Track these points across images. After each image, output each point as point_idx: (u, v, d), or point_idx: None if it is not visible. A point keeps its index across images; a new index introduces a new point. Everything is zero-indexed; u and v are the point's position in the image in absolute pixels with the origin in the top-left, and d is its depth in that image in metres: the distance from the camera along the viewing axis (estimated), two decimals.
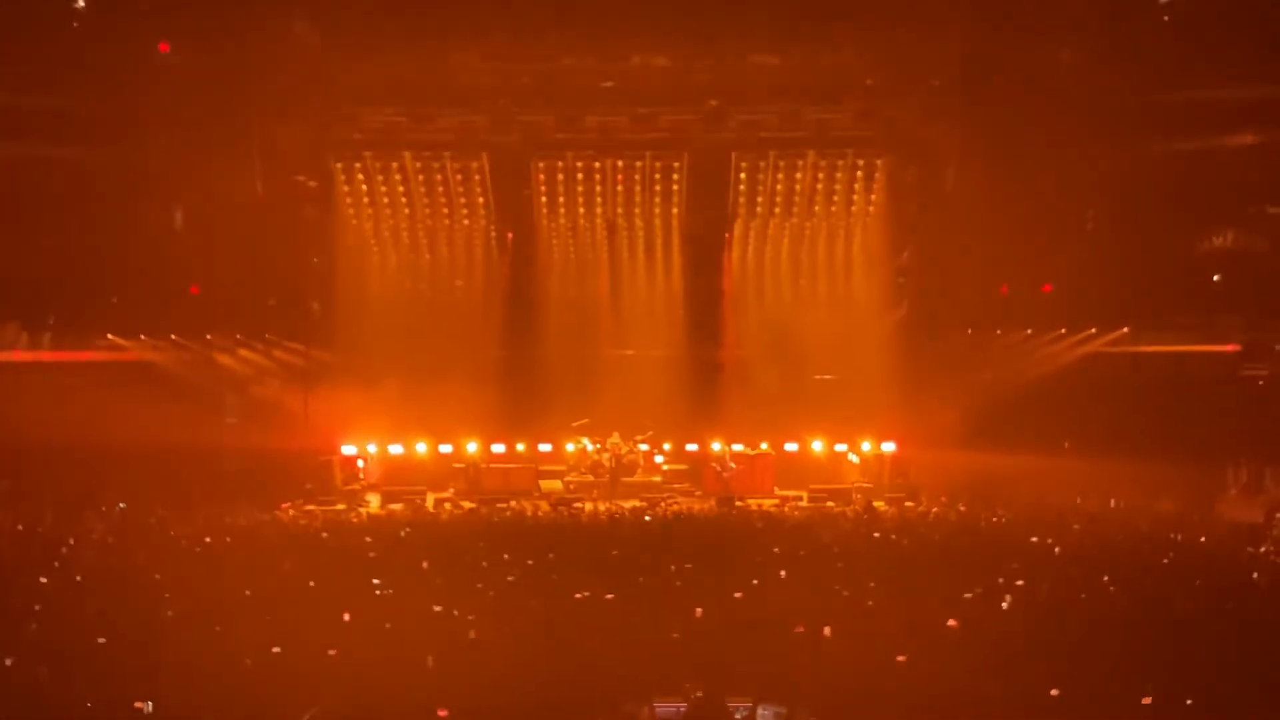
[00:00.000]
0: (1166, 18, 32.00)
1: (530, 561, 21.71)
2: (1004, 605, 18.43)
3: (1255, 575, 21.56)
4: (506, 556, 22.14)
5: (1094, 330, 35.42)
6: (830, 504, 31.97)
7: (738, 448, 34.87)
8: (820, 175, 35.57)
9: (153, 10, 31.96)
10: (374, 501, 33.28)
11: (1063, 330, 35.66)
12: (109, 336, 35.11)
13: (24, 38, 31.14)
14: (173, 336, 35.43)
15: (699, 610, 17.64)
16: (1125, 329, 35.26)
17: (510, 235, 36.71)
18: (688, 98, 34.44)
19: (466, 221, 36.59)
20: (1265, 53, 30.64)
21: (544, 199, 36.27)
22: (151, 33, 32.68)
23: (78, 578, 20.83)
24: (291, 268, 35.35)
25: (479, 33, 32.49)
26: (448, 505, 32.30)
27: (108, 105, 32.68)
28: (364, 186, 35.82)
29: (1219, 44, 30.91)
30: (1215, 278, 35.07)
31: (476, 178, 35.87)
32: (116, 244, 33.65)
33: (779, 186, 35.84)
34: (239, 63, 32.63)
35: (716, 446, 34.86)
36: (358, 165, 35.53)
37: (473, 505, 32.12)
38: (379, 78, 33.77)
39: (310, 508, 31.48)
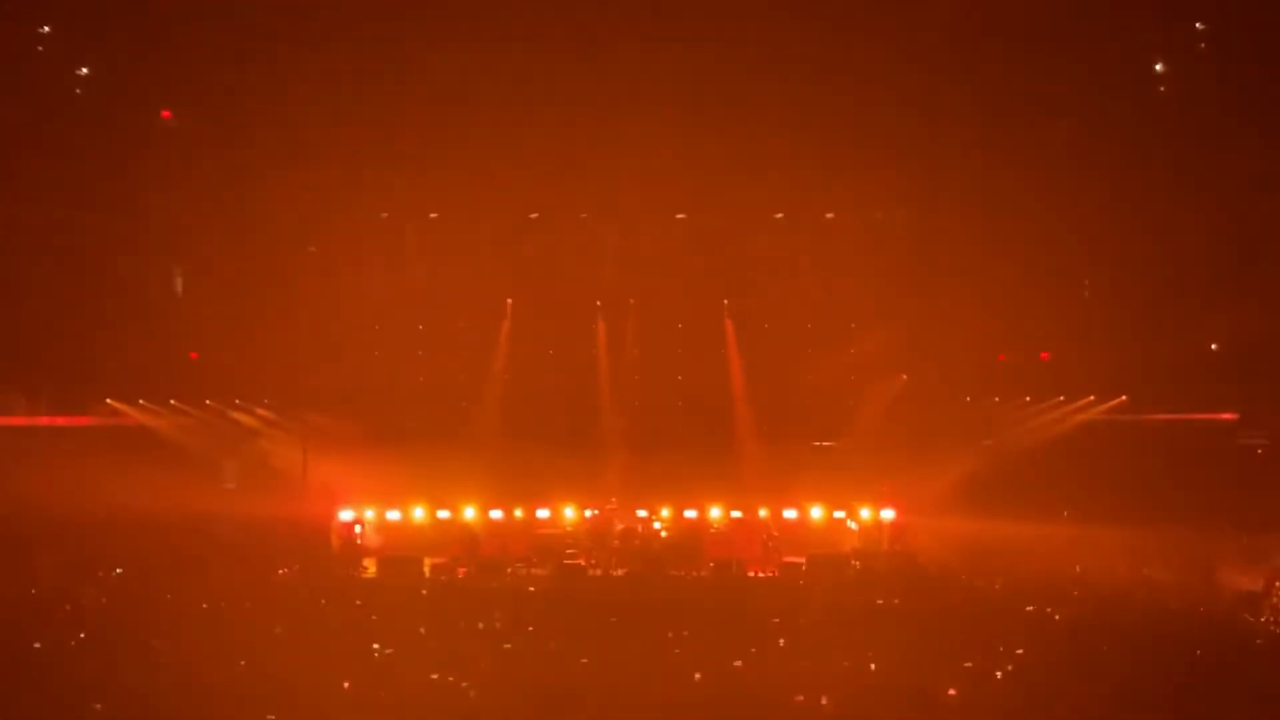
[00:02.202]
0: (1163, 88, 32.24)
1: (529, 628, 21.66)
2: (998, 675, 18.38)
3: (1259, 642, 21.55)
4: (499, 625, 22.11)
5: (1092, 398, 35.42)
6: (829, 571, 31.84)
7: (736, 514, 34.79)
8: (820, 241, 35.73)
9: (156, 76, 32.16)
10: (371, 567, 33.14)
11: (1061, 398, 35.66)
12: (108, 401, 35.08)
13: (28, 102, 31.33)
14: (171, 402, 35.41)
15: (698, 675, 17.61)
16: (1123, 397, 35.27)
17: (510, 301, 36.75)
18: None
19: (467, 287, 36.61)
20: (1262, 125, 30.87)
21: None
22: (154, 98, 32.90)
23: (74, 644, 20.77)
24: (291, 333, 35.31)
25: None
26: (445, 571, 32.18)
27: (110, 170, 32.79)
28: (365, 251, 35.91)
29: (1217, 116, 31.12)
30: (1213, 346, 35.10)
31: (476, 243, 35.98)
32: (116, 309, 33.71)
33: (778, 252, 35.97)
34: (241, 128, 32.82)
35: (715, 513, 34.81)
36: (360, 230, 35.60)
37: (470, 571, 32.04)
38: (385, 144, 33.91)
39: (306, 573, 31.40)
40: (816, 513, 35.11)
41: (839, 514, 35.17)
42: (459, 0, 30.62)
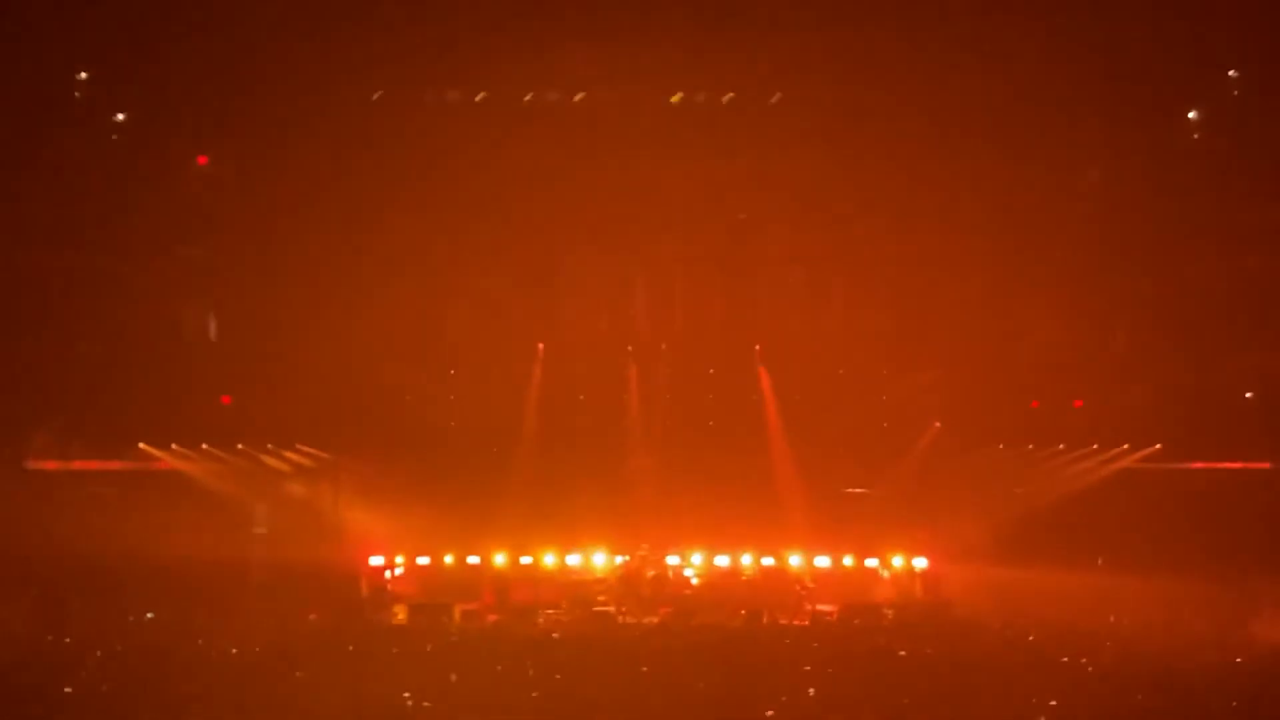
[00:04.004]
0: (1197, 136, 32.18)
1: (557, 676, 21.57)
2: None
3: None
4: (531, 672, 22.03)
5: (1126, 446, 35.23)
6: (861, 620, 31.68)
7: (768, 562, 34.65)
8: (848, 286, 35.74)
9: (189, 122, 32.42)
10: (401, 613, 33.10)
11: (1095, 446, 35.47)
12: (140, 445, 35.19)
13: (62, 147, 31.59)
14: (204, 446, 35.50)
15: None
16: (1158, 445, 35.06)
17: (541, 346, 36.79)
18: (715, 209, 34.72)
19: (499, 330, 36.66)
20: None
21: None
22: (188, 144, 33.16)
23: (104, 689, 20.76)
24: (323, 378, 35.39)
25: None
26: (475, 618, 32.12)
27: (144, 214, 33.02)
28: (396, 296, 36.01)
29: (1252, 161, 31.05)
30: (1248, 394, 34.90)
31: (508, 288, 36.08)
32: (149, 353, 33.87)
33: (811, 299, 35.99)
34: (274, 172, 33.06)
35: (747, 560, 34.68)
36: (391, 276, 35.69)
37: (500, 618, 31.98)
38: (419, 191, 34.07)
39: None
40: (849, 560, 34.99)
41: (871, 562, 35.03)
42: (494, 56, 30.82)
